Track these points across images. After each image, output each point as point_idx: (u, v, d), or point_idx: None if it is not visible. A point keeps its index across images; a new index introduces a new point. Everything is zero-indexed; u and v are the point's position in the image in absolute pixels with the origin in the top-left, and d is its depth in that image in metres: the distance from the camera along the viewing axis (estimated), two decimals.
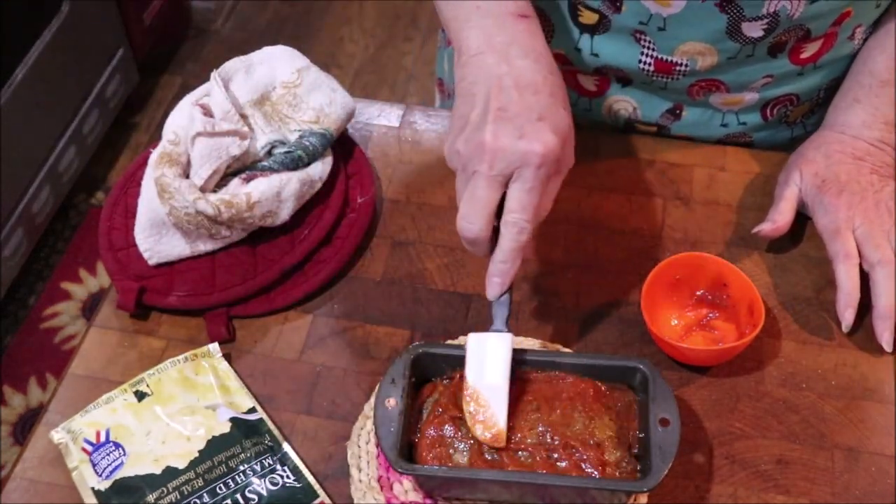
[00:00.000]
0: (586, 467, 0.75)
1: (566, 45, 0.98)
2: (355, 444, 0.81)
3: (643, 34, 0.93)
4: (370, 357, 0.88)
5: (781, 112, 1.03)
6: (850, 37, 0.96)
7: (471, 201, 0.74)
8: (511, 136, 0.73)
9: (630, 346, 0.88)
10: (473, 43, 0.80)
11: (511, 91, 0.76)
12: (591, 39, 0.96)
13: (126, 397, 0.83)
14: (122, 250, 0.92)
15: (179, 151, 0.90)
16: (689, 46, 0.93)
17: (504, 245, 0.75)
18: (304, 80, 0.97)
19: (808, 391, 0.85)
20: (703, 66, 0.94)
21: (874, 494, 0.78)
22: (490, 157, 0.73)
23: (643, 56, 0.95)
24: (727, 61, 0.94)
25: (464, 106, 0.77)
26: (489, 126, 0.74)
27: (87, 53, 2.14)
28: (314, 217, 0.94)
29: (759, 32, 0.90)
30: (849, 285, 0.86)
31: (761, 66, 0.95)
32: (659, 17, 0.91)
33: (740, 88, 0.98)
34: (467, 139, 0.75)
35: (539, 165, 0.73)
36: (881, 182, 0.91)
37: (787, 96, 1.01)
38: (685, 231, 0.96)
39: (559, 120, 0.76)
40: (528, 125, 0.74)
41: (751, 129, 1.04)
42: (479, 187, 0.74)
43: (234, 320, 0.91)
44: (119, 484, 0.78)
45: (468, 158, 0.75)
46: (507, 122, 0.74)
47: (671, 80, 0.97)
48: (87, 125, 2.17)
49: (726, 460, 0.81)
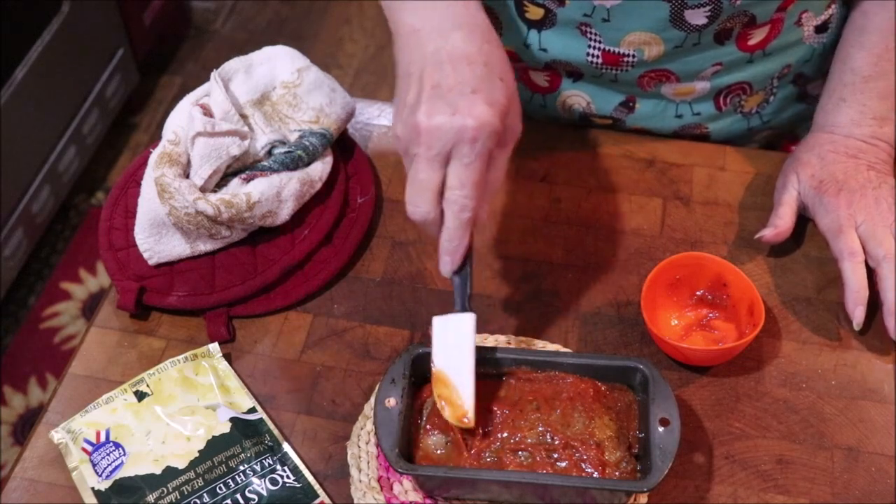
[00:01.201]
0: (586, 467, 0.75)
1: (515, 42, 0.99)
2: (355, 444, 0.81)
3: (589, 27, 0.94)
4: (370, 357, 0.88)
5: (735, 101, 1.03)
6: (796, 22, 0.97)
7: (414, 184, 0.74)
8: (444, 113, 0.72)
9: (630, 346, 0.88)
10: (408, 22, 0.79)
11: (445, 65, 0.75)
12: (539, 35, 0.97)
13: (126, 397, 0.83)
14: (122, 250, 0.92)
15: (179, 151, 0.90)
16: (635, 37, 0.93)
17: (448, 224, 0.74)
18: (304, 80, 0.97)
19: (808, 391, 0.85)
20: (650, 57, 0.95)
21: (874, 494, 0.78)
22: (426, 137, 0.73)
23: (590, 49, 0.96)
24: (674, 50, 0.94)
25: (402, 88, 0.77)
26: (423, 106, 0.73)
27: (87, 53, 2.14)
28: (314, 217, 0.94)
29: (702, 20, 0.91)
30: (856, 283, 0.86)
31: (709, 53, 0.96)
32: (602, 9, 0.91)
33: (690, 77, 0.99)
34: (405, 122, 0.74)
35: (474, 140, 0.72)
36: (879, 178, 0.91)
37: (738, 84, 1.01)
38: (685, 231, 0.96)
39: (495, 90, 0.74)
40: (462, 100, 0.73)
41: (706, 119, 1.04)
42: (421, 170, 0.73)
43: (234, 320, 0.91)
44: (119, 484, 0.78)
45: (407, 142, 0.74)
46: (440, 99, 0.73)
47: (621, 72, 0.98)
48: (87, 125, 2.17)
49: (726, 460, 0.81)
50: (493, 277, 0.93)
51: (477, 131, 0.72)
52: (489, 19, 0.84)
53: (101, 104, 2.21)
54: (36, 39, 1.95)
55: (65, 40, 2.03)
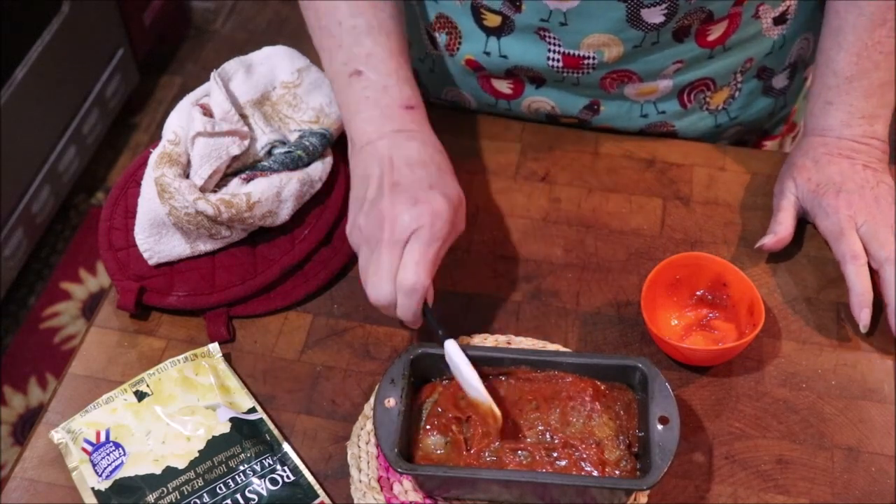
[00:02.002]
0: (586, 466, 0.75)
1: (475, 51, 0.99)
2: (355, 444, 0.81)
3: (547, 31, 0.94)
4: (370, 357, 0.88)
5: (700, 98, 1.03)
6: (754, 15, 0.97)
7: (377, 271, 0.79)
8: (407, 203, 0.79)
9: (630, 346, 0.88)
10: (364, 133, 0.86)
11: (402, 168, 0.82)
12: (498, 42, 0.97)
13: (126, 397, 0.83)
14: (122, 250, 0.92)
15: (179, 151, 0.90)
16: (594, 39, 0.93)
17: (402, 302, 0.79)
18: (304, 80, 0.97)
19: (808, 391, 0.85)
20: (610, 58, 0.95)
21: (874, 494, 0.78)
22: (389, 223, 0.79)
23: (550, 53, 0.96)
24: (633, 50, 0.94)
25: (359, 189, 0.84)
26: (385, 198, 0.80)
27: (87, 53, 2.14)
28: (314, 217, 0.94)
29: (659, 18, 0.91)
30: (860, 286, 0.86)
31: (669, 51, 0.96)
32: (559, 13, 0.91)
33: (652, 77, 0.99)
34: (367, 213, 0.81)
35: (432, 224, 0.79)
36: (876, 177, 0.91)
37: (701, 81, 1.01)
38: (685, 231, 0.96)
39: (449, 189, 0.82)
40: (421, 192, 0.80)
41: (671, 117, 1.04)
42: (384, 254, 0.79)
43: (234, 320, 0.91)
44: (119, 484, 0.78)
45: (370, 231, 0.80)
46: (402, 192, 0.80)
47: (582, 75, 0.98)
48: (87, 125, 2.17)
49: (726, 460, 0.81)
50: (493, 277, 0.93)
51: (435, 217, 0.79)
52: (449, 30, 0.93)
53: (101, 104, 2.21)
54: (36, 39, 1.95)
55: (65, 40, 2.03)
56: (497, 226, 0.97)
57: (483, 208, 0.98)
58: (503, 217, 0.98)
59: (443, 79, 1.06)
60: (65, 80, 2.06)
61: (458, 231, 0.83)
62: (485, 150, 1.03)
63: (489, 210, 0.98)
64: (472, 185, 1.00)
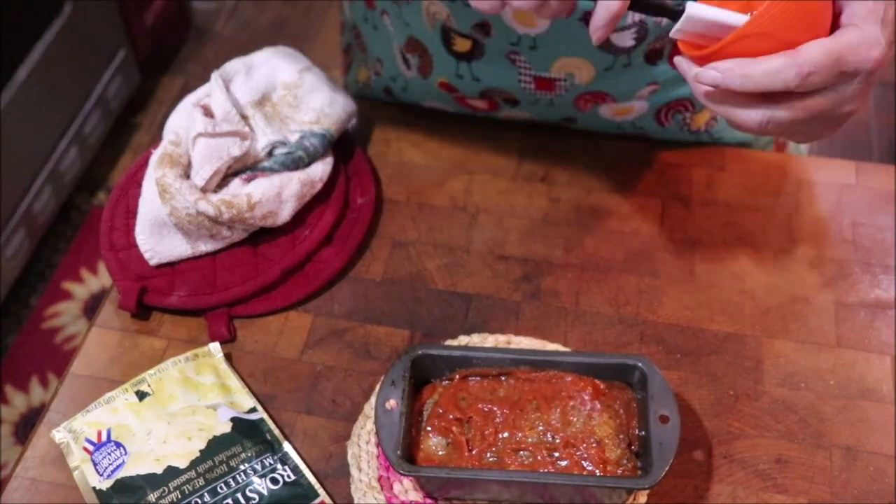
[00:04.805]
0: (587, 465, 0.75)
1: (448, 73, 0.98)
2: (355, 444, 0.82)
3: (517, 54, 0.93)
4: (370, 357, 0.88)
5: (679, 118, 1.01)
6: None
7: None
8: None
9: (630, 346, 0.88)
10: None
11: None
12: (470, 66, 0.96)
13: (127, 397, 0.83)
14: (123, 250, 0.92)
15: (180, 152, 0.90)
16: (564, 62, 0.92)
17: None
18: (304, 81, 0.98)
19: (807, 391, 0.85)
20: (581, 80, 0.94)
21: (872, 494, 0.79)
22: None
23: (521, 76, 0.95)
24: (605, 72, 0.93)
25: None
26: None
27: (88, 54, 2.14)
28: (315, 217, 0.94)
29: (629, 41, 0.90)
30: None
31: (642, 74, 0.94)
32: (528, 37, 0.90)
33: (627, 98, 0.97)
34: None
35: None
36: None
37: (679, 101, 0.99)
38: (685, 231, 0.96)
39: None
40: None
41: (650, 132, 1.03)
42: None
43: (235, 320, 0.91)
44: (120, 483, 0.79)
45: None
46: None
47: (556, 96, 0.97)
48: (88, 125, 2.17)
49: (725, 459, 0.81)
50: (493, 277, 0.93)
51: None
52: (421, 55, 0.88)
53: (102, 104, 2.21)
54: (37, 40, 1.95)
55: (66, 41, 2.03)
56: (497, 226, 0.97)
57: (483, 208, 0.99)
58: (503, 217, 0.98)
59: (420, 96, 1.05)
60: (66, 81, 2.07)
61: None
62: (485, 151, 1.04)
63: (489, 210, 0.98)
64: (472, 185, 1.00)
